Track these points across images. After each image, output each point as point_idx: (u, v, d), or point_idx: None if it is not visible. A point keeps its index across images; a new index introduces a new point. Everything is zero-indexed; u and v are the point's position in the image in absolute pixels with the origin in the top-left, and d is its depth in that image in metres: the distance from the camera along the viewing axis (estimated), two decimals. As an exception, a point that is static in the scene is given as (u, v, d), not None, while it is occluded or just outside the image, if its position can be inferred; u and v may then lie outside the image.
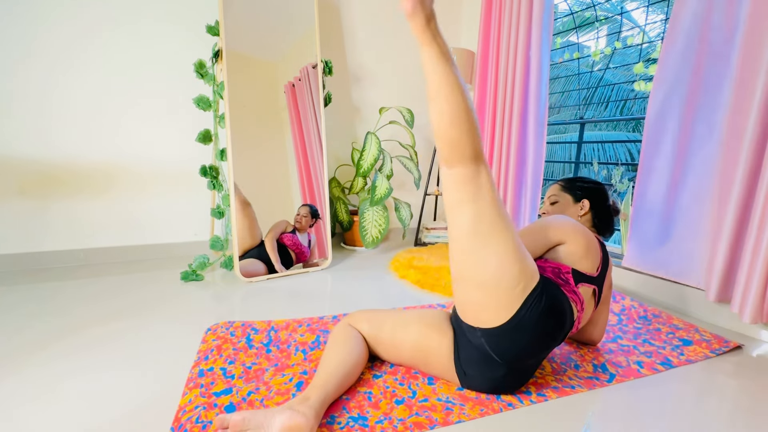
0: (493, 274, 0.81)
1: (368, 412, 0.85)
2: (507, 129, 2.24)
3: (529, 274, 0.84)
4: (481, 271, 0.82)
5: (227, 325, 1.22)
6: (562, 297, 0.89)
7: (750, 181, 1.28)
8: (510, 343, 0.84)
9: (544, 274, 0.95)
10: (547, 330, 0.86)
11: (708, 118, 1.44)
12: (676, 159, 1.54)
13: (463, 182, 0.82)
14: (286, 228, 1.87)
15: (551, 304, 0.85)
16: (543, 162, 2.10)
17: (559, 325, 0.87)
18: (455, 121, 0.79)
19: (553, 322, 0.86)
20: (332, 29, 2.37)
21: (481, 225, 0.81)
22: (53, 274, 1.72)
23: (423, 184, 2.67)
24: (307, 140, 1.98)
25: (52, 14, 1.72)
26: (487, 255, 0.82)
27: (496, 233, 0.81)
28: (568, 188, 1.19)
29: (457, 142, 0.80)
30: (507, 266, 0.81)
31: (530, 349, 0.86)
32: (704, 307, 1.47)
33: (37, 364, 1.00)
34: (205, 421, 0.78)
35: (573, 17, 2.65)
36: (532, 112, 2.07)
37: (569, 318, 0.90)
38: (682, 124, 1.51)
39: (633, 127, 6.43)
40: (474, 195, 0.81)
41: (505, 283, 0.81)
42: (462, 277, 0.86)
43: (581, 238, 0.99)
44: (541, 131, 2.07)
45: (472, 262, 0.83)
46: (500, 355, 0.86)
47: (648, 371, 1.08)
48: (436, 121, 0.81)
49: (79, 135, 1.83)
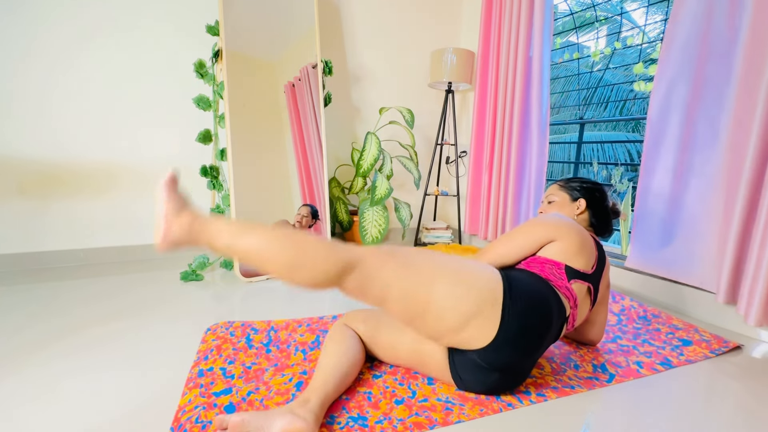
0: (457, 319, 0.81)
1: (368, 412, 0.85)
2: (507, 129, 2.24)
3: (489, 289, 0.83)
4: (445, 324, 0.81)
5: (227, 325, 1.22)
6: (537, 285, 0.89)
7: (756, 180, 1.28)
8: (504, 355, 0.84)
9: (533, 269, 0.96)
10: (534, 325, 0.85)
11: (711, 116, 1.44)
12: (680, 158, 1.53)
13: (357, 293, 0.81)
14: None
15: (527, 298, 0.85)
16: (546, 162, 2.09)
17: (543, 317, 0.86)
18: (285, 270, 0.77)
19: (537, 315, 0.85)
20: (332, 29, 2.37)
21: (409, 298, 0.80)
22: (53, 274, 1.72)
23: (423, 185, 2.67)
24: (307, 140, 1.98)
25: (53, 14, 1.72)
26: (440, 306, 0.80)
27: (427, 284, 0.81)
28: (566, 187, 1.20)
29: (302, 281, 0.78)
30: (463, 306, 0.80)
31: (522, 353, 0.86)
32: (710, 308, 1.47)
33: (37, 364, 1.00)
34: (204, 421, 0.78)
35: (573, 17, 2.65)
36: (534, 113, 2.07)
37: (556, 308, 0.90)
38: (685, 122, 1.51)
39: (632, 127, 6.43)
40: (377, 291, 0.80)
41: (472, 315, 0.81)
42: (434, 336, 0.85)
43: (574, 235, 0.99)
44: (544, 131, 2.07)
45: (431, 324, 0.82)
46: (496, 367, 0.86)
47: (647, 371, 1.09)
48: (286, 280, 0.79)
49: (79, 135, 1.83)
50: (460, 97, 2.80)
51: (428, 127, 2.78)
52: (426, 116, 2.74)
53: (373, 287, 0.80)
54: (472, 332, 0.82)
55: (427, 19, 2.64)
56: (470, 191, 2.56)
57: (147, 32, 1.90)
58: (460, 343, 0.84)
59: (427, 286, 0.81)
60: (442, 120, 2.48)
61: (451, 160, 2.76)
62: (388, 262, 0.82)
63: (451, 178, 2.84)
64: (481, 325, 0.81)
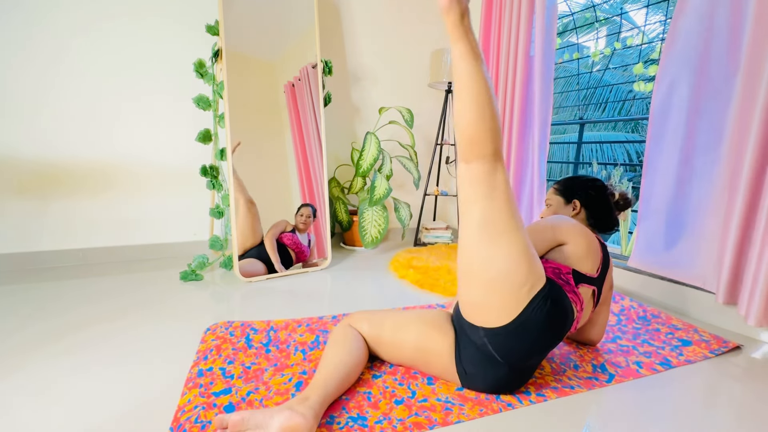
0: (501, 273, 0.81)
1: (368, 412, 0.85)
2: (507, 129, 2.24)
3: (537, 275, 0.83)
4: (489, 269, 0.82)
5: (226, 324, 1.22)
6: (565, 299, 0.89)
7: (756, 180, 1.28)
8: (513, 344, 0.84)
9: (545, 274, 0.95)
10: (551, 331, 0.86)
11: (713, 116, 1.44)
12: (682, 158, 1.53)
13: (478, 179, 0.82)
14: (285, 227, 1.87)
15: (556, 306, 0.85)
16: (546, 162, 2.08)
17: (561, 326, 0.87)
18: (478, 118, 0.80)
19: (558, 323, 0.86)
20: (332, 29, 2.37)
21: (492, 223, 0.82)
22: (51, 273, 1.72)
23: (422, 185, 2.67)
24: (306, 140, 1.98)
25: (50, 12, 1.72)
26: (497, 253, 0.82)
27: (508, 232, 0.81)
28: (560, 190, 1.19)
29: (478, 139, 0.80)
30: (515, 266, 0.81)
31: (533, 349, 0.86)
32: (710, 309, 1.47)
33: (36, 364, 1.00)
34: (204, 421, 0.78)
35: (573, 18, 2.65)
36: (536, 113, 2.06)
37: (570, 318, 0.91)
38: (687, 121, 1.50)
39: (632, 127, 6.43)
40: (489, 192, 0.81)
41: (512, 283, 0.81)
42: (469, 274, 0.86)
43: (582, 239, 0.99)
44: (545, 131, 2.06)
45: (481, 259, 0.83)
46: (503, 355, 0.86)
47: (647, 371, 1.09)
48: (459, 116, 0.82)
49: (78, 134, 1.83)
50: (460, 97, 2.80)
51: (428, 127, 2.78)
52: (426, 116, 2.74)
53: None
54: (496, 300, 0.82)
55: (426, 19, 2.64)
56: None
57: (147, 32, 1.90)
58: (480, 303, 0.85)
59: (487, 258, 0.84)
60: (442, 120, 2.48)
61: (451, 160, 2.76)
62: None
63: (450, 178, 2.84)
64: (509, 298, 0.82)
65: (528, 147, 2.20)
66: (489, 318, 0.84)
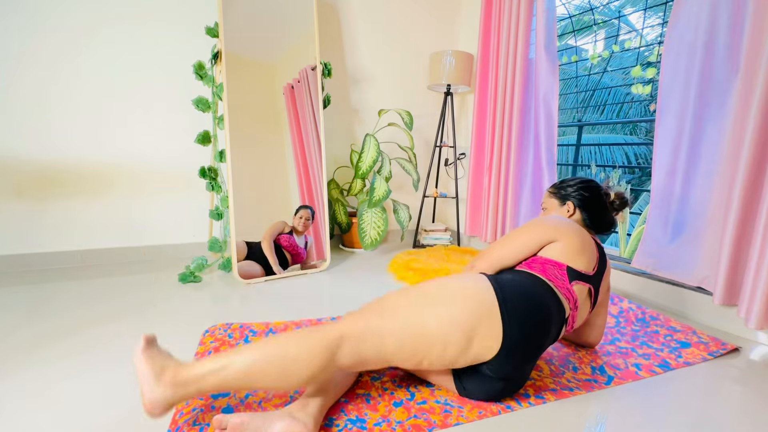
0: (460, 337, 0.79)
1: (366, 414, 0.85)
2: (507, 131, 2.24)
3: (480, 300, 0.82)
4: (452, 348, 0.80)
5: (225, 326, 1.22)
6: (533, 287, 0.89)
7: (755, 180, 1.28)
8: (510, 364, 0.84)
9: (533, 270, 0.96)
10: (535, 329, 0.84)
11: (715, 116, 1.44)
12: (685, 159, 1.53)
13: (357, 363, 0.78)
14: (283, 229, 1.87)
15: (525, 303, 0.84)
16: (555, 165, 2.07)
17: (543, 320, 0.86)
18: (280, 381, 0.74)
19: (537, 319, 0.85)
20: (331, 31, 2.38)
21: (405, 341, 0.79)
22: (50, 275, 1.71)
23: (422, 186, 2.67)
24: (305, 142, 1.98)
25: (51, 15, 1.72)
26: (441, 337, 0.79)
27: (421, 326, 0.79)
28: (554, 193, 1.19)
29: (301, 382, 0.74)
30: (462, 321, 0.79)
31: (527, 358, 0.86)
32: (709, 311, 1.47)
33: (35, 366, 1.00)
34: (202, 423, 0.78)
35: (571, 21, 2.66)
36: (542, 114, 2.06)
37: (555, 309, 0.90)
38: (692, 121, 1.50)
39: (630, 130, 6.46)
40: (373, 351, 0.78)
41: (472, 328, 0.80)
42: (449, 365, 0.83)
43: (574, 235, 0.99)
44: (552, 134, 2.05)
45: (440, 355, 0.80)
46: (501, 376, 0.86)
47: (646, 373, 1.09)
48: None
49: (78, 136, 1.83)
50: (459, 99, 2.81)
51: (427, 129, 2.78)
52: (425, 118, 2.75)
53: (367, 350, 0.78)
54: (478, 347, 0.80)
55: (426, 21, 2.65)
56: (471, 193, 2.56)
57: (146, 34, 1.90)
58: (473, 361, 0.83)
59: (417, 320, 0.79)
60: (441, 122, 2.49)
61: (450, 162, 2.76)
62: (366, 318, 0.80)
63: (449, 180, 2.85)
64: (485, 336, 0.80)
65: (528, 150, 2.20)
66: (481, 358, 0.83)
